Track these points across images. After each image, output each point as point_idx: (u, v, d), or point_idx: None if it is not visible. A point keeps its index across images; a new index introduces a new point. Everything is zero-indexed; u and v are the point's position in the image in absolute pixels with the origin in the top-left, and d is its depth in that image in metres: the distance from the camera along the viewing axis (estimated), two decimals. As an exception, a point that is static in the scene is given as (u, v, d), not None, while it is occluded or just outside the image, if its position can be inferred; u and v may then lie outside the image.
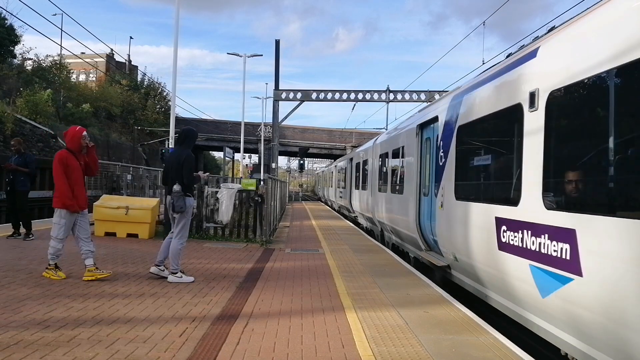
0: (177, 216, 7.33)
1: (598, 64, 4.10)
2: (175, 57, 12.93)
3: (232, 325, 5.19)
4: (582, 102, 4.49)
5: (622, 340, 3.78)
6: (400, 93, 25.79)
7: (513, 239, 5.43)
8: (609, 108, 4.03)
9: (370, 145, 17.50)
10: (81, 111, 38.65)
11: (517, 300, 5.63)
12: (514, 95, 5.60)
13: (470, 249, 6.72)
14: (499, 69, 6.38)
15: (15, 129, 28.07)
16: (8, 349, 4.15)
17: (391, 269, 9.12)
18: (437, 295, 7.01)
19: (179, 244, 7.31)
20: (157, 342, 4.54)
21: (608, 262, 3.83)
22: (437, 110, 8.79)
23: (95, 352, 4.21)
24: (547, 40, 5.21)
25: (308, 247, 11.91)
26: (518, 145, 5.47)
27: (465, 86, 7.84)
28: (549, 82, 4.84)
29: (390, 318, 5.70)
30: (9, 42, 33.04)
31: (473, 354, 4.59)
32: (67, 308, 5.49)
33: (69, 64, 44.13)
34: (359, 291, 7.06)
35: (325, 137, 54.35)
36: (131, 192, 14.61)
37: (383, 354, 4.51)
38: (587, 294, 4.12)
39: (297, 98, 25.95)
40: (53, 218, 7.04)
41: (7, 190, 10.72)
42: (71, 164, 6.98)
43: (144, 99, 52.37)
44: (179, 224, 7.35)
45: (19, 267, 7.59)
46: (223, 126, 54.10)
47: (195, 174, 7.58)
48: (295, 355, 4.40)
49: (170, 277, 7.22)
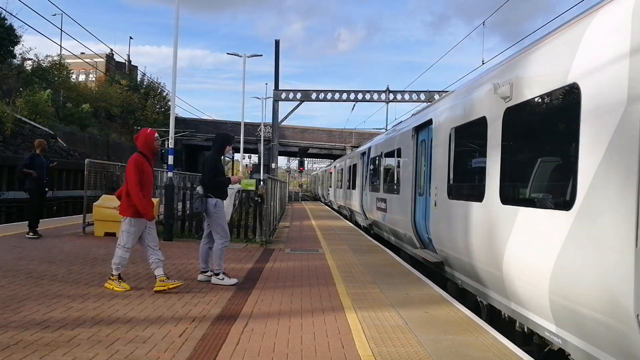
0: (209, 220, 7.30)
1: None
2: (175, 57, 12.92)
3: (232, 326, 5.19)
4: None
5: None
6: (400, 93, 25.81)
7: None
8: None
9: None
10: (81, 111, 38.63)
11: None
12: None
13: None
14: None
15: (15, 129, 28.04)
16: (8, 349, 4.15)
17: (391, 269, 9.12)
18: (437, 296, 7.01)
19: (220, 244, 7.21)
20: (157, 342, 4.54)
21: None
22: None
23: (94, 352, 4.21)
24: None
25: (308, 247, 11.91)
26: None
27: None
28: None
29: (390, 318, 5.70)
30: (9, 42, 33.03)
31: (473, 354, 4.59)
32: (66, 308, 5.49)
33: (68, 64, 44.13)
34: (359, 291, 7.06)
35: (324, 137, 54.36)
36: (131, 192, 14.57)
37: (383, 354, 4.51)
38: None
39: (296, 98, 25.97)
40: (122, 226, 6.63)
41: (41, 192, 10.93)
42: (145, 169, 6.61)
43: (143, 99, 52.37)
44: (212, 227, 7.28)
45: (18, 267, 7.59)
46: (223, 126, 54.02)
47: (227, 177, 7.53)
48: (295, 355, 4.40)
49: (213, 279, 7.19)
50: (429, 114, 9.35)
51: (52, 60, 41.46)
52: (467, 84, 7.68)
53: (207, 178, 7.22)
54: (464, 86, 7.84)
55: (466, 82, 8.03)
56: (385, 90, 25.76)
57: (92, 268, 7.86)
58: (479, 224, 6.31)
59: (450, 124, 7.80)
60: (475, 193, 6.53)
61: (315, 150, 54.74)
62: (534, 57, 5.25)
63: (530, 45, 5.56)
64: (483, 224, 6.16)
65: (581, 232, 4.13)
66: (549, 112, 5.10)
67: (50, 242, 10.45)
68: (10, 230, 12.06)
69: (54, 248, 9.69)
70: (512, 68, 5.74)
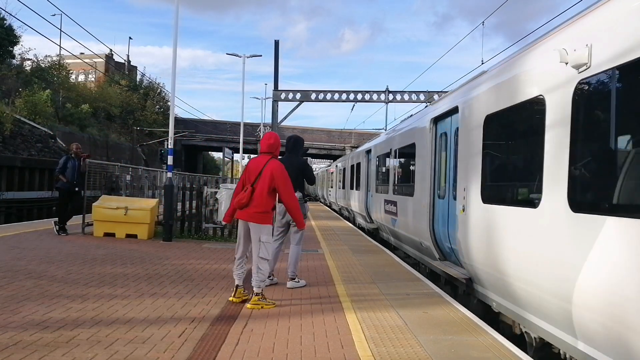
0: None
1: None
2: (174, 57, 12.91)
3: (231, 326, 5.19)
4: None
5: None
6: (400, 94, 25.83)
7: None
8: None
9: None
10: (80, 111, 38.65)
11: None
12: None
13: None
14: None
15: (14, 130, 28.03)
16: (7, 350, 4.15)
17: (391, 269, 9.12)
18: (437, 296, 7.01)
19: (300, 250, 7.48)
20: (156, 343, 4.54)
21: None
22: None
23: (94, 352, 4.21)
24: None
25: (307, 247, 11.89)
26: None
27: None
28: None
29: (390, 319, 5.70)
30: (8, 42, 33.01)
31: (472, 355, 4.59)
32: (66, 309, 5.49)
33: (68, 65, 44.12)
34: (358, 292, 7.06)
35: (324, 138, 54.36)
36: (130, 193, 14.59)
37: (382, 354, 4.51)
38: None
39: (296, 98, 25.99)
40: (262, 237, 6.07)
41: (71, 191, 11.90)
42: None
43: (143, 99, 52.37)
44: (299, 231, 7.32)
45: (17, 267, 7.58)
46: (222, 127, 54.10)
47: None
48: (295, 355, 4.40)
49: (289, 283, 7.25)
50: (455, 100, 7.81)
51: (52, 60, 41.47)
52: (506, 59, 6.25)
53: (314, 181, 7.77)
54: (502, 62, 6.38)
55: (503, 59, 6.51)
56: (384, 91, 25.78)
57: (91, 268, 7.86)
58: (532, 237, 4.97)
59: (485, 110, 6.41)
60: (526, 197, 5.31)
61: (314, 151, 54.72)
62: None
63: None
64: (539, 238, 4.84)
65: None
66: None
67: (50, 243, 10.44)
68: (10, 231, 12.05)
69: (53, 248, 9.68)
70: (590, 24, 4.32)
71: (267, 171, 6.10)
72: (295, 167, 7.32)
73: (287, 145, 7.68)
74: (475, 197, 6.51)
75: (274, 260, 7.39)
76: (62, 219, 11.92)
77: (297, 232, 7.39)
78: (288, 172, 7.06)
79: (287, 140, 7.78)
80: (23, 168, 25.96)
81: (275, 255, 7.40)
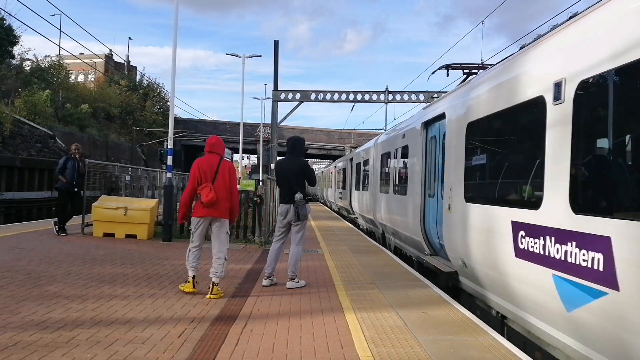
0: (300, 224, 7.37)
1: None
2: (174, 57, 12.90)
3: (231, 326, 5.19)
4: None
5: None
6: (399, 94, 25.80)
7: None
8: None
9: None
10: (80, 112, 38.62)
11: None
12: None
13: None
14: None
15: (14, 130, 28.02)
16: (6, 350, 4.15)
17: (390, 269, 9.12)
18: (436, 296, 7.01)
19: (301, 250, 7.51)
20: (156, 343, 4.54)
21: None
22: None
23: (93, 353, 4.21)
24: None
25: (307, 247, 11.88)
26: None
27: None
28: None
29: (389, 319, 5.70)
30: (8, 42, 32.98)
31: (472, 355, 4.60)
32: (65, 309, 5.49)
33: (67, 65, 44.10)
34: (358, 292, 7.06)
35: (324, 138, 54.37)
36: (130, 193, 14.60)
37: (382, 354, 4.51)
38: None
39: (296, 99, 25.96)
40: (227, 229, 6.74)
41: (70, 192, 11.93)
42: None
43: (142, 99, 52.35)
44: (300, 231, 7.40)
45: (17, 267, 7.58)
46: (222, 127, 54.05)
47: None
48: (294, 355, 4.40)
49: (289, 283, 7.24)
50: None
51: (51, 60, 41.44)
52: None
53: (315, 183, 7.80)
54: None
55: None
56: (384, 91, 25.75)
57: (91, 269, 7.85)
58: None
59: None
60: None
61: (314, 151, 54.72)
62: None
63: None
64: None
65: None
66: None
67: (49, 243, 10.44)
68: (9, 231, 12.05)
69: (53, 248, 9.68)
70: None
71: (224, 169, 6.63)
72: (295, 168, 7.32)
73: (288, 146, 7.67)
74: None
75: (274, 261, 7.38)
76: (61, 219, 11.94)
77: (297, 233, 7.39)
78: (289, 173, 7.20)
79: (287, 141, 7.78)
80: (23, 168, 25.94)
81: (275, 255, 7.39)
